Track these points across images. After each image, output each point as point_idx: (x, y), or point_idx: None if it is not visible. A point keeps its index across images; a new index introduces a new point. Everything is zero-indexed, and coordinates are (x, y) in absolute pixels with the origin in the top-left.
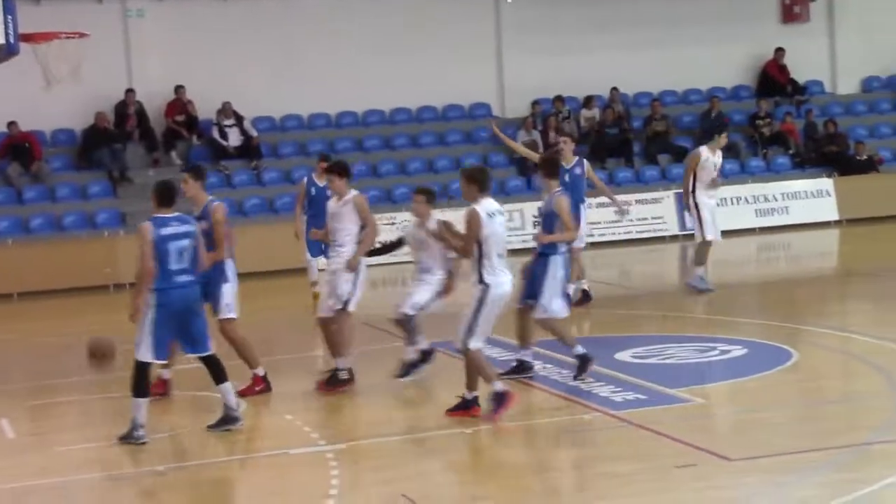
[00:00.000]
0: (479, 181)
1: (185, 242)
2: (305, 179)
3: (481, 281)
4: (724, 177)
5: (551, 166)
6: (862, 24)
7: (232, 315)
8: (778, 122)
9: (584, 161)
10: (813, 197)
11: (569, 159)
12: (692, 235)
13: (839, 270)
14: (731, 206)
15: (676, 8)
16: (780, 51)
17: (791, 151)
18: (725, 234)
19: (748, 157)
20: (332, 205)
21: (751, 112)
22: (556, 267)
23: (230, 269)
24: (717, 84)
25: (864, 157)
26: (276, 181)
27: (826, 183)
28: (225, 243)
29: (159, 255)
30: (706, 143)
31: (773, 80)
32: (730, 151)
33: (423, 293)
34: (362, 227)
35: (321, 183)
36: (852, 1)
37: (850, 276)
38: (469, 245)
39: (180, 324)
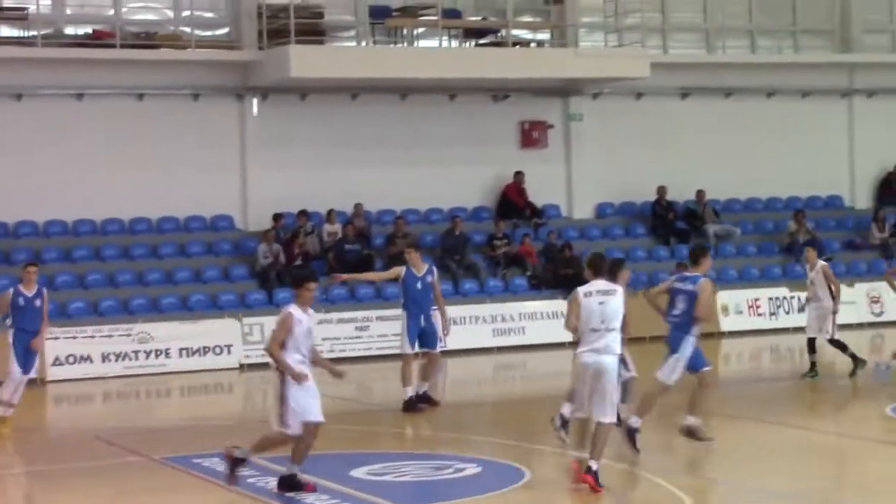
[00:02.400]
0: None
1: None
2: (11, 290)
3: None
4: (464, 296)
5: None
6: (597, 152)
7: None
8: (516, 244)
9: (434, 270)
10: (549, 318)
11: (419, 268)
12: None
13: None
14: (469, 325)
15: (419, 127)
16: (519, 174)
17: (528, 273)
18: (464, 352)
19: (487, 277)
20: None
21: (490, 233)
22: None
23: None
24: (458, 204)
25: None
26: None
27: (562, 304)
28: None
29: None
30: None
31: (512, 202)
32: (469, 271)
33: None
34: None
35: (28, 292)
36: (587, 130)
37: None
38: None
39: None
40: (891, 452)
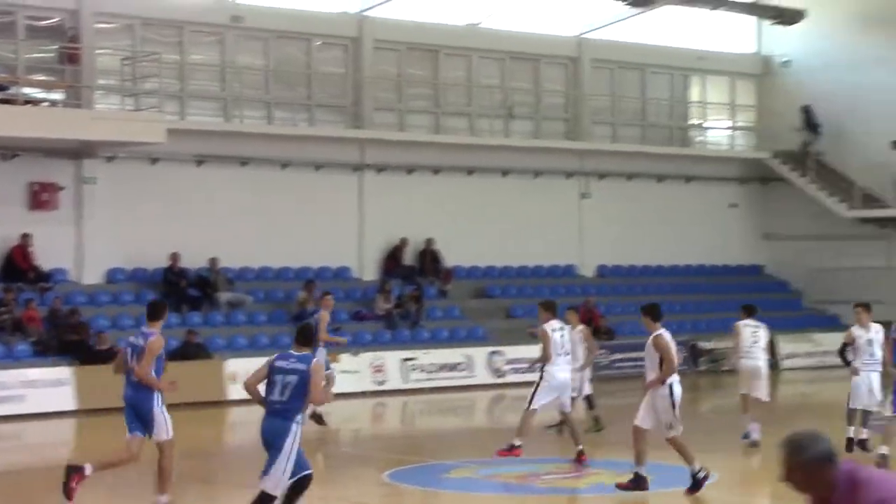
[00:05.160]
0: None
1: None
2: None
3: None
4: None
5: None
6: (109, 216)
7: None
8: (21, 309)
9: None
10: (52, 385)
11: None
12: None
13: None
14: None
15: None
16: (25, 237)
17: (32, 339)
18: None
19: None
20: None
21: None
22: None
23: None
24: None
25: (106, 347)
26: None
27: (66, 372)
28: None
29: None
30: None
31: (18, 266)
32: None
33: None
34: None
35: None
36: (100, 193)
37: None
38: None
39: None
40: None
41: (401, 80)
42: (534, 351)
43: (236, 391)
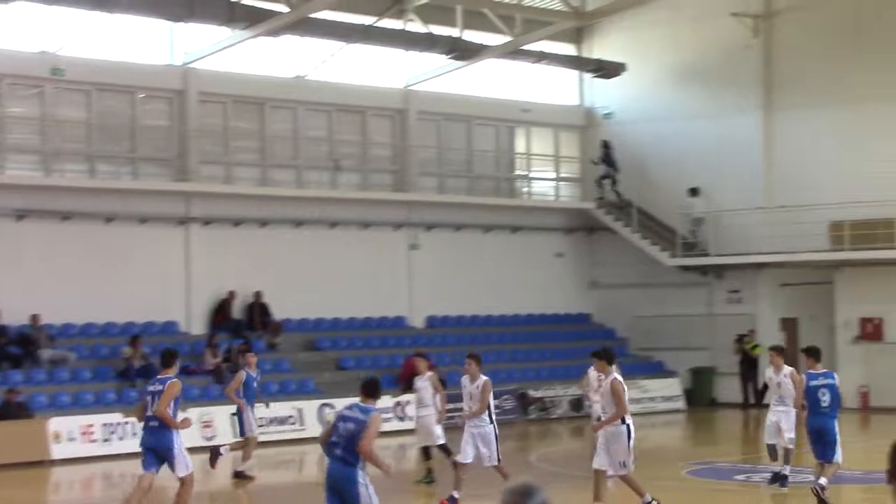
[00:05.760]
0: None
1: None
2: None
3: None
4: None
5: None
6: None
7: None
8: None
9: None
10: None
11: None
12: None
13: None
14: None
15: None
16: None
17: None
18: None
19: None
20: None
21: None
22: None
23: None
24: None
25: None
26: None
27: None
28: None
29: None
30: None
31: None
32: None
33: None
34: None
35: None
36: None
37: None
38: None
39: None
40: None
41: (227, 132)
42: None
43: (59, 450)
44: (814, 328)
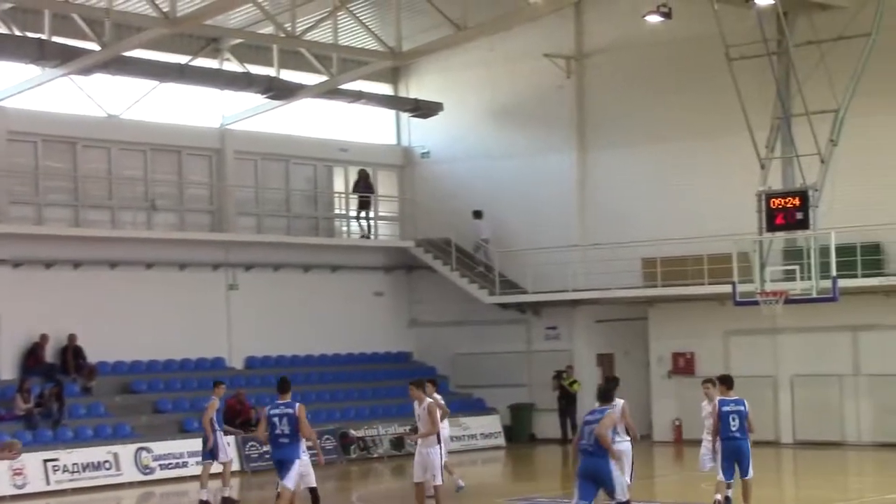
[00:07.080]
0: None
1: None
2: None
3: None
4: None
5: None
6: None
7: None
8: None
9: None
10: None
11: None
12: None
13: None
14: None
15: None
16: None
17: None
18: None
19: None
20: None
21: None
22: None
23: None
24: None
25: None
26: None
27: None
28: None
29: None
30: None
31: None
32: None
33: None
34: None
35: None
36: None
37: None
38: None
39: None
40: None
41: (38, 171)
42: (182, 446)
43: None
44: (629, 363)
